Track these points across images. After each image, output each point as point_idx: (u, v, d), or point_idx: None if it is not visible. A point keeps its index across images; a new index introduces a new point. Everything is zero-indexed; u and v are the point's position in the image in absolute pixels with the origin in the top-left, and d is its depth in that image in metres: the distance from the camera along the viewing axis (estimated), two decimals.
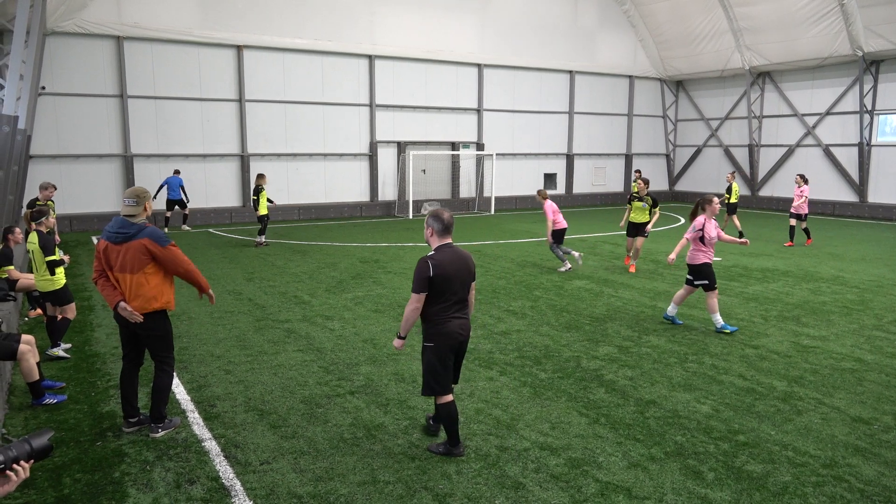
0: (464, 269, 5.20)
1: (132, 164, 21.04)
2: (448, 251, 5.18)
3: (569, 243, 17.37)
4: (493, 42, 27.03)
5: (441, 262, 5.08)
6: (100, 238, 5.59)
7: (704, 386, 6.84)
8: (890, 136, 25.23)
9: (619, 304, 10.47)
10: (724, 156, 30.79)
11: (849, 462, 5.17)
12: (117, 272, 5.45)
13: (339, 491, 4.71)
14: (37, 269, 7.69)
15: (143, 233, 5.42)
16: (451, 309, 5.16)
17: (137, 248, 5.40)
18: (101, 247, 5.52)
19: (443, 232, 5.21)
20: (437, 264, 5.07)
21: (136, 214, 5.49)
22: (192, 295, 11.03)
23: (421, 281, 5.05)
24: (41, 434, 2.52)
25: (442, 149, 26.90)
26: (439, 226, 5.19)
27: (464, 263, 5.22)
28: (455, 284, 5.13)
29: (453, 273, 5.11)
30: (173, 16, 21.04)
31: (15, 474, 2.39)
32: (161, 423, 5.69)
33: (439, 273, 5.05)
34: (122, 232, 5.43)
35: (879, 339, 8.60)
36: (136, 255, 5.40)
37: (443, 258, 5.11)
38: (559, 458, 5.20)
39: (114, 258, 5.44)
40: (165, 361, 5.71)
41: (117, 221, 5.50)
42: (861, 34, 23.82)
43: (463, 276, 5.19)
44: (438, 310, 5.13)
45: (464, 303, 5.27)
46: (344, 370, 7.30)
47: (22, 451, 2.43)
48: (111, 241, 5.45)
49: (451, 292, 5.13)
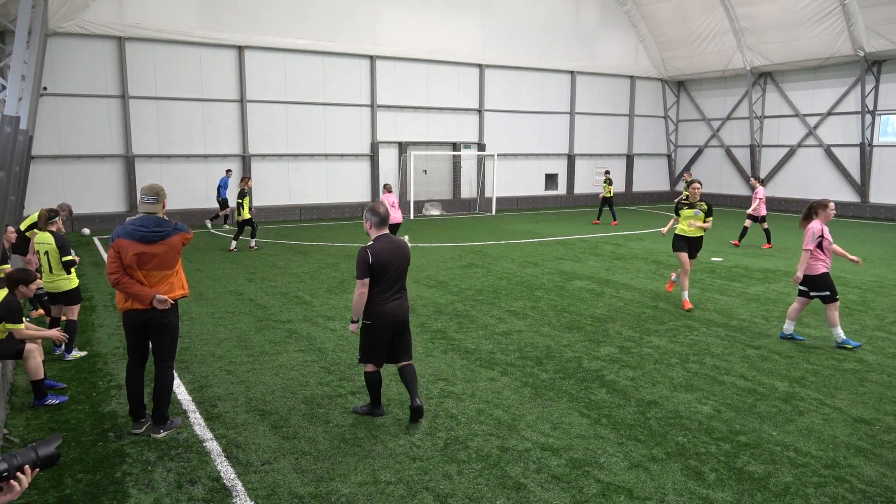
0: (400, 257, 5.80)
1: (133, 165, 21.06)
2: (385, 241, 5.75)
3: (569, 243, 17.38)
4: (495, 42, 27.03)
5: (379, 250, 5.67)
6: (119, 237, 5.36)
7: (706, 386, 6.83)
8: (891, 136, 25.20)
9: (621, 305, 10.47)
10: (726, 156, 30.77)
11: (850, 463, 5.17)
12: (151, 269, 5.37)
13: (341, 491, 4.71)
14: (50, 269, 7.65)
15: (177, 227, 5.48)
16: (389, 292, 5.75)
17: (175, 244, 5.43)
18: (125, 245, 5.31)
19: (380, 224, 5.79)
20: (376, 253, 5.66)
21: (157, 212, 5.46)
22: (193, 295, 11.04)
23: (363, 268, 5.64)
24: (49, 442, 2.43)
25: (443, 149, 26.90)
26: (377, 219, 5.78)
27: (400, 251, 5.81)
28: (391, 270, 5.73)
29: (390, 260, 5.70)
30: (174, 16, 21.06)
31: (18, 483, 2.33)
32: (164, 423, 5.69)
33: (377, 261, 5.65)
34: (159, 230, 5.36)
35: (881, 339, 8.59)
36: (174, 252, 5.42)
37: (381, 247, 5.69)
38: (560, 459, 5.20)
39: (149, 256, 5.34)
40: (168, 361, 5.71)
41: (150, 220, 5.37)
42: (863, 34, 23.79)
43: (399, 263, 5.78)
44: (377, 292, 5.71)
45: (401, 287, 5.85)
46: (345, 370, 7.30)
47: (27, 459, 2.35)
48: (145, 241, 5.32)
49: (389, 277, 5.73)
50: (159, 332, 5.58)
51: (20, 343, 6.15)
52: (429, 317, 9.68)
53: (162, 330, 5.56)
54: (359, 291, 5.67)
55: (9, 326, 6.03)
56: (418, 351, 8.01)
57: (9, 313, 5.97)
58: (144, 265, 5.36)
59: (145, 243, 5.32)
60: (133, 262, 5.33)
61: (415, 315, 9.76)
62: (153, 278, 5.41)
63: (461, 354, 7.88)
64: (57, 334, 6.58)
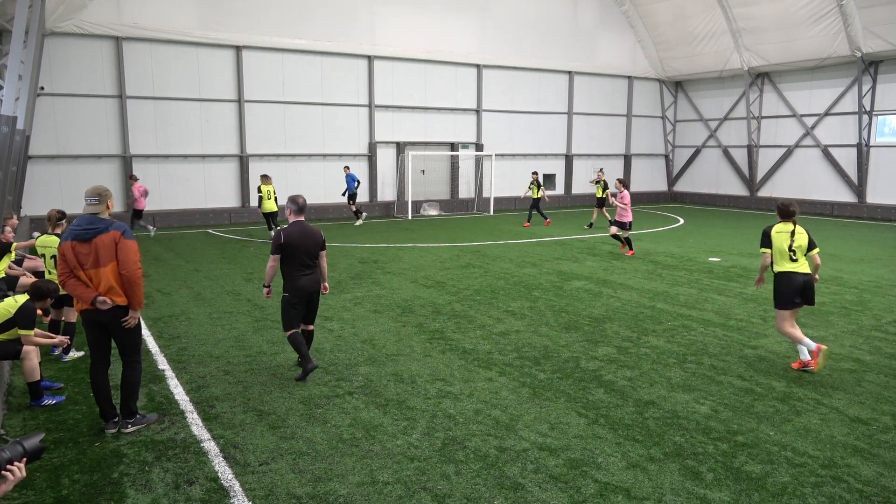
0: (309, 240, 6.91)
1: (131, 165, 21.02)
2: (298, 226, 6.90)
3: (568, 243, 17.39)
4: (493, 43, 27.03)
5: (291, 233, 6.83)
6: (62, 240, 5.52)
7: (703, 386, 6.84)
8: (889, 136, 25.25)
9: (618, 305, 10.47)
10: (723, 156, 30.81)
11: (847, 462, 5.18)
12: (90, 269, 5.44)
13: (338, 491, 4.71)
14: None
15: (113, 226, 5.48)
16: (300, 268, 6.90)
17: (108, 241, 5.43)
18: (66, 247, 5.45)
19: (297, 212, 6.97)
20: (287, 235, 6.82)
21: (100, 213, 5.53)
22: (191, 295, 11.03)
23: (275, 246, 6.86)
24: (33, 436, 2.61)
25: (441, 149, 26.90)
26: (295, 207, 6.95)
27: (310, 236, 6.93)
28: (301, 250, 6.85)
29: (299, 241, 6.83)
30: (172, 16, 21.02)
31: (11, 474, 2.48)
32: (132, 418, 5.73)
33: (288, 242, 6.80)
34: (91, 228, 5.44)
35: (878, 339, 8.61)
36: (108, 248, 5.43)
37: (293, 231, 6.86)
38: (558, 459, 5.20)
39: (85, 255, 5.43)
40: (133, 356, 5.75)
41: (84, 219, 5.50)
42: (860, 35, 23.84)
43: (308, 245, 6.89)
44: (291, 269, 6.89)
45: (312, 265, 6.98)
46: (343, 371, 7.29)
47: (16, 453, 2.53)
48: (80, 239, 5.42)
49: (299, 256, 6.86)
50: (117, 331, 5.62)
51: (18, 343, 6.16)
52: (427, 317, 9.68)
53: (118, 328, 5.60)
54: (270, 264, 6.98)
55: (21, 332, 6.18)
56: (416, 351, 8.02)
57: (24, 320, 6.17)
58: (83, 264, 5.45)
59: (80, 241, 5.43)
60: (75, 262, 5.45)
61: (413, 315, 9.76)
62: (97, 277, 5.45)
63: (459, 354, 7.89)
64: (63, 340, 6.82)
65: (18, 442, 2.56)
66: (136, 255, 5.54)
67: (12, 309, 6.14)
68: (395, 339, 8.52)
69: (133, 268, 5.47)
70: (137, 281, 5.51)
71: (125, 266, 5.45)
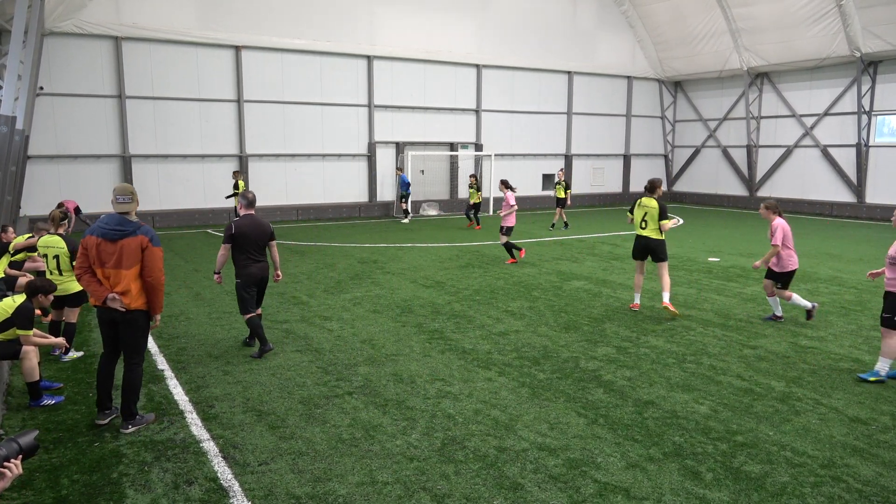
0: (258, 232, 7.66)
1: (130, 165, 21.01)
2: (248, 219, 7.67)
3: (567, 243, 17.39)
4: (492, 43, 27.03)
5: (241, 225, 7.61)
6: (87, 234, 5.58)
7: (703, 386, 6.84)
8: (888, 136, 25.26)
9: (618, 305, 10.48)
10: (723, 156, 30.81)
11: (847, 462, 5.18)
12: (110, 268, 5.50)
13: (338, 491, 4.71)
14: (60, 271, 7.63)
15: (140, 230, 5.54)
16: (249, 257, 7.65)
17: (135, 245, 5.48)
18: (91, 242, 5.52)
19: (247, 206, 7.76)
20: (238, 226, 7.59)
21: (130, 211, 5.58)
22: (190, 295, 11.03)
23: (226, 236, 7.60)
24: (27, 433, 2.66)
25: (440, 149, 26.89)
26: (245, 202, 7.76)
27: (259, 228, 7.67)
28: (250, 241, 7.60)
29: (248, 232, 7.58)
30: (172, 16, 21.01)
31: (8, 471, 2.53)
32: (132, 419, 5.74)
33: (238, 232, 7.56)
34: (120, 229, 5.49)
35: (877, 339, 8.60)
36: (133, 253, 5.47)
37: (243, 223, 7.63)
38: (558, 459, 5.21)
39: (108, 254, 5.48)
40: (135, 358, 5.77)
41: (114, 218, 5.54)
42: (859, 35, 23.85)
43: (257, 236, 7.64)
44: (241, 258, 7.65)
45: (260, 254, 7.71)
46: (342, 371, 7.29)
47: (11, 451, 2.57)
48: (106, 238, 5.47)
49: (248, 246, 7.61)
50: (124, 329, 5.66)
51: (17, 344, 6.16)
52: (426, 317, 9.68)
53: (126, 327, 5.64)
54: (221, 252, 7.68)
55: (19, 332, 6.20)
56: (415, 351, 8.02)
57: (22, 320, 6.18)
58: (104, 263, 5.50)
59: (107, 240, 5.48)
60: (96, 259, 5.51)
61: (412, 315, 9.76)
62: (115, 277, 5.50)
63: (458, 354, 7.89)
64: (61, 342, 6.87)
65: (13, 439, 2.60)
66: (161, 262, 5.63)
67: (10, 309, 6.14)
68: (395, 339, 8.52)
69: (157, 274, 5.58)
70: (160, 287, 5.64)
71: (150, 273, 5.54)
